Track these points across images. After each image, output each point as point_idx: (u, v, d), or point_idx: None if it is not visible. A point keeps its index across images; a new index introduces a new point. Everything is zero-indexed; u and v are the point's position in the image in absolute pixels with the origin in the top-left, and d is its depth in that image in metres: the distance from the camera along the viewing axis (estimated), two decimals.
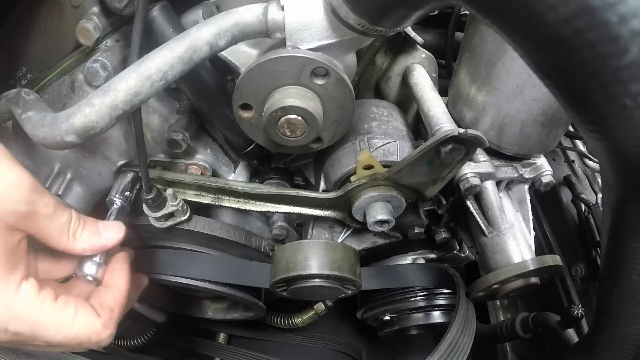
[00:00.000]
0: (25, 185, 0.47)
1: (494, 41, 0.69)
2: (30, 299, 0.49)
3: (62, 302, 0.52)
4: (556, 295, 1.02)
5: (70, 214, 0.54)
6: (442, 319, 0.92)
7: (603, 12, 0.26)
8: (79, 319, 0.52)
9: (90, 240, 0.56)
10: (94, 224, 0.57)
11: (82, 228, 0.55)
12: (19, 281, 0.49)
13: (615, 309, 0.48)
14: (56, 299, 0.51)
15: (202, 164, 0.88)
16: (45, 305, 0.50)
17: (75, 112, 0.53)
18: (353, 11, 0.54)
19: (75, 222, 0.54)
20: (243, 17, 0.59)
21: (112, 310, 0.56)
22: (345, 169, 0.79)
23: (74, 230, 0.54)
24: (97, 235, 0.57)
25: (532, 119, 0.72)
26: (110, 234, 0.58)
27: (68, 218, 0.53)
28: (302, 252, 0.74)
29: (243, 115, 0.69)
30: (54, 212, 0.51)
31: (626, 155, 0.31)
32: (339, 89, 0.64)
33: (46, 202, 0.50)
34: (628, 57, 0.26)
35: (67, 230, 0.53)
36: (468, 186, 0.75)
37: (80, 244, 0.55)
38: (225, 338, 1.17)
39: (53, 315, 0.50)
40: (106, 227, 0.58)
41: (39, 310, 0.50)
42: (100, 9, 0.68)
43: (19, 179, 0.47)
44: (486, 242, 0.79)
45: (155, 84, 0.55)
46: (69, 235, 0.53)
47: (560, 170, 1.15)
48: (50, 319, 0.50)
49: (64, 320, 0.51)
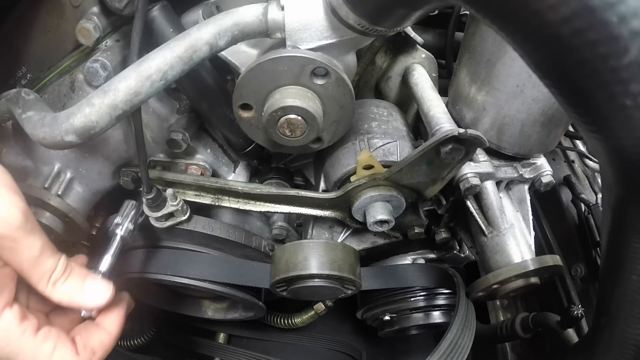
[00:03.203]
0: (12, 220, 0.45)
1: (494, 41, 0.69)
2: (9, 327, 0.48)
3: (42, 335, 0.50)
4: (556, 295, 1.02)
5: (55, 262, 0.51)
6: (442, 319, 0.92)
7: (603, 12, 0.26)
8: (56, 356, 0.50)
9: (69, 296, 0.52)
10: (79, 279, 0.53)
11: (65, 280, 0.52)
12: (1, 308, 0.48)
13: (615, 309, 0.48)
14: (37, 332, 0.50)
15: (202, 164, 0.88)
16: (25, 337, 0.49)
17: (75, 112, 0.53)
18: (353, 11, 0.54)
19: (59, 273, 0.51)
20: (243, 17, 0.59)
21: (94, 352, 0.54)
22: (345, 169, 0.79)
23: (54, 280, 0.51)
24: (77, 293, 0.53)
25: (532, 119, 0.72)
26: (93, 295, 0.54)
27: (52, 266, 0.50)
28: (302, 252, 0.74)
29: (243, 115, 0.69)
30: (38, 256, 0.48)
31: (626, 155, 0.31)
32: (339, 89, 0.64)
33: (32, 244, 0.47)
34: (628, 57, 0.26)
35: (47, 279, 0.50)
36: (468, 186, 0.75)
37: (58, 296, 0.51)
38: (225, 338, 1.17)
39: (30, 348, 0.49)
40: (92, 286, 0.54)
41: (17, 341, 0.48)
42: (100, 9, 0.68)
43: (6, 213, 0.45)
44: (486, 242, 0.79)
45: (155, 84, 0.55)
46: (47, 283, 0.50)
47: (560, 170, 1.15)
48: (27, 351, 0.49)
49: (40, 355, 0.50)
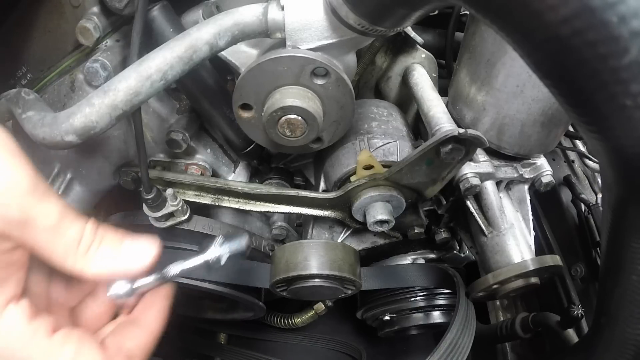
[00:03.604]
0: (20, 186, 0.37)
1: (494, 41, 0.69)
2: (15, 327, 0.38)
3: (60, 338, 0.40)
4: (556, 295, 1.02)
5: (81, 228, 0.41)
6: (442, 319, 0.92)
7: (603, 12, 0.26)
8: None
9: (107, 262, 0.41)
10: (115, 242, 0.43)
11: (98, 245, 0.41)
12: (4, 303, 0.38)
13: (615, 309, 0.48)
14: (53, 333, 0.40)
15: (202, 164, 0.88)
16: (36, 340, 0.38)
17: (75, 112, 0.53)
18: (353, 11, 0.54)
19: (89, 239, 0.41)
20: (243, 17, 0.59)
21: (131, 358, 0.43)
22: (345, 169, 0.79)
23: (84, 249, 0.40)
24: (117, 259, 0.42)
25: (532, 119, 0.72)
26: (136, 255, 0.43)
27: (77, 234, 0.40)
28: (302, 252, 0.74)
29: (243, 115, 0.69)
30: (58, 224, 0.39)
31: (626, 155, 0.31)
32: (339, 89, 0.64)
33: (47, 211, 0.38)
34: (628, 57, 0.26)
35: (74, 249, 0.40)
36: (468, 186, 0.75)
37: (93, 267, 0.41)
38: (225, 338, 1.17)
39: (43, 354, 0.39)
40: (133, 245, 0.44)
41: (26, 344, 0.38)
42: (100, 8, 0.68)
43: (10, 178, 0.37)
44: (486, 242, 0.79)
45: (155, 84, 0.55)
46: (76, 255, 0.40)
47: (560, 170, 1.15)
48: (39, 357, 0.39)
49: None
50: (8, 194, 0.36)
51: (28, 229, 0.38)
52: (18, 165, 0.38)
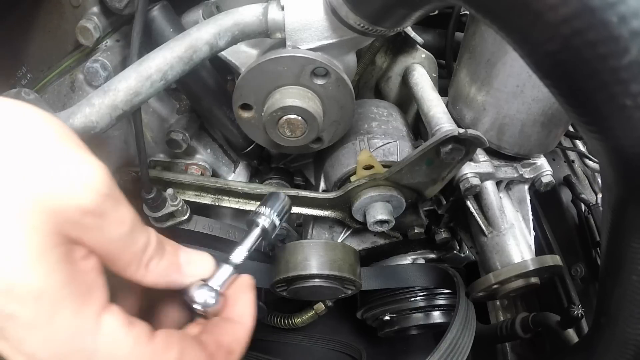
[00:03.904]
0: (99, 186, 0.33)
1: (494, 41, 0.69)
2: (117, 337, 0.35)
3: (162, 341, 0.37)
4: (556, 295, 1.02)
5: (148, 238, 0.39)
6: (442, 319, 0.92)
7: (603, 12, 0.26)
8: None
9: (165, 275, 0.41)
10: (174, 254, 0.42)
11: (160, 259, 0.40)
12: (98, 313, 0.35)
13: (615, 309, 0.48)
14: (153, 338, 0.37)
15: (202, 164, 0.88)
16: (140, 346, 0.36)
17: (75, 112, 0.53)
18: (353, 11, 0.54)
19: (153, 250, 0.39)
20: (243, 17, 0.59)
21: (231, 352, 0.42)
22: (345, 169, 0.79)
23: (147, 260, 0.39)
24: (175, 271, 0.42)
25: (532, 119, 0.72)
26: (193, 269, 0.43)
27: (144, 244, 0.39)
28: (302, 252, 0.74)
29: (243, 115, 0.69)
30: (130, 232, 0.37)
31: (626, 155, 0.31)
32: (339, 89, 0.64)
33: (122, 217, 0.36)
34: (628, 57, 0.26)
35: (138, 259, 0.38)
36: (468, 186, 0.75)
37: (152, 277, 0.40)
38: None
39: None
40: (190, 260, 0.43)
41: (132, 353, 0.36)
42: (100, 8, 0.68)
43: (90, 177, 0.33)
44: (486, 242, 0.79)
45: (155, 84, 0.55)
46: (139, 265, 0.39)
47: (560, 170, 1.15)
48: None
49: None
50: (87, 192, 0.33)
51: (101, 236, 0.35)
52: (95, 161, 0.34)
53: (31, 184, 0.31)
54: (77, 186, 0.32)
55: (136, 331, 0.36)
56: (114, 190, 0.35)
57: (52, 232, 0.32)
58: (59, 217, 0.32)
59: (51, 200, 0.31)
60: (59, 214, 0.32)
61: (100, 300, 0.35)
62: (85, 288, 0.34)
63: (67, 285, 0.33)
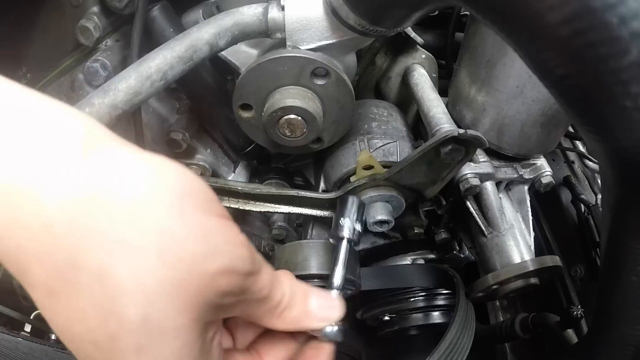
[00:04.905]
0: (242, 267, 0.34)
1: (494, 42, 0.69)
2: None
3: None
4: (556, 296, 1.02)
5: (283, 293, 0.40)
6: (442, 319, 0.91)
7: (603, 13, 0.26)
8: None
9: (295, 323, 0.42)
10: (304, 302, 0.43)
11: (292, 309, 0.41)
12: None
13: (614, 310, 0.48)
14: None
15: (202, 164, 0.88)
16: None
17: None
18: (353, 11, 0.54)
19: (286, 303, 0.41)
20: (243, 17, 0.59)
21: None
22: (345, 169, 0.79)
23: (281, 311, 0.40)
24: (306, 318, 0.43)
25: (532, 119, 0.72)
26: (323, 315, 0.44)
27: (279, 300, 0.40)
28: (302, 252, 0.74)
29: (243, 115, 0.69)
30: (268, 295, 0.38)
31: (626, 156, 0.31)
32: (339, 89, 0.64)
33: (261, 286, 0.37)
34: (628, 59, 0.26)
35: (273, 313, 0.40)
36: (468, 187, 0.75)
37: (283, 325, 0.41)
38: None
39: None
40: (321, 306, 0.44)
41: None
42: (100, 8, 0.68)
43: (234, 260, 0.33)
44: (486, 243, 0.79)
45: (155, 83, 0.55)
46: (272, 317, 0.40)
47: (560, 171, 1.14)
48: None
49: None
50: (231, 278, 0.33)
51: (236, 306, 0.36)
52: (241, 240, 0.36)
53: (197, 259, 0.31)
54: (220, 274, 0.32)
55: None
56: (255, 261, 0.36)
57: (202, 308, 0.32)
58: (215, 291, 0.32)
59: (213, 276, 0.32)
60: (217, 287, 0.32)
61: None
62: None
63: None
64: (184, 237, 0.30)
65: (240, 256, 0.34)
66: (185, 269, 0.30)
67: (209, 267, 0.31)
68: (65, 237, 0.27)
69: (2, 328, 0.61)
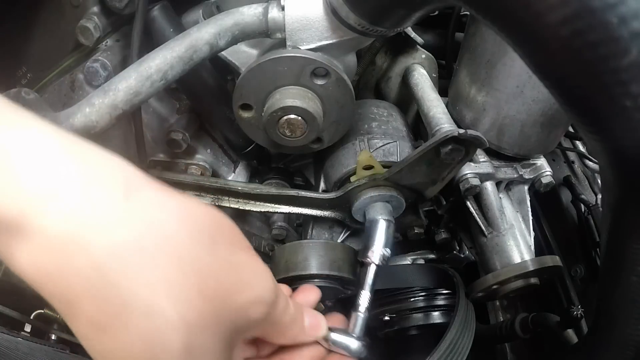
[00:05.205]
0: (268, 297, 0.38)
1: (494, 42, 0.69)
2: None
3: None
4: (556, 295, 1.02)
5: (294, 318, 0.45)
6: (442, 319, 0.91)
7: (603, 13, 0.26)
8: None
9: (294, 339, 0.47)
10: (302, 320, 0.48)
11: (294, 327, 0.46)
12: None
13: (615, 310, 0.48)
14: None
15: (202, 164, 0.88)
16: None
17: (75, 112, 0.53)
18: (353, 11, 0.54)
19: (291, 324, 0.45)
20: (243, 17, 0.59)
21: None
22: (345, 169, 0.79)
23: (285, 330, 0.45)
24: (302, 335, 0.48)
25: (532, 119, 0.72)
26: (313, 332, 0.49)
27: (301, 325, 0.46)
28: (302, 252, 0.74)
29: (243, 115, 0.69)
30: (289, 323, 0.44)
31: (626, 156, 0.31)
32: (339, 89, 0.64)
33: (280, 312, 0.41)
34: (628, 59, 0.26)
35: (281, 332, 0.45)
36: (468, 187, 0.75)
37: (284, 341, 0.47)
38: None
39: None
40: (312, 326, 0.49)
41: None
42: (100, 8, 0.68)
43: (262, 291, 0.38)
44: (486, 243, 0.79)
45: (155, 83, 0.55)
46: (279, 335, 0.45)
47: (560, 171, 1.14)
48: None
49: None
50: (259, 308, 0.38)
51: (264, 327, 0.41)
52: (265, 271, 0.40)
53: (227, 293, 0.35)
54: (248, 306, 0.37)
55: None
56: (279, 292, 0.41)
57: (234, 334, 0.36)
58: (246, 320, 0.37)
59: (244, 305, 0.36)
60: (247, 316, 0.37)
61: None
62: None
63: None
64: (218, 272, 0.34)
65: (267, 287, 0.39)
66: (221, 301, 0.34)
67: (240, 299, 0.35)
68: (115, 277, 0.30)
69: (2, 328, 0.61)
